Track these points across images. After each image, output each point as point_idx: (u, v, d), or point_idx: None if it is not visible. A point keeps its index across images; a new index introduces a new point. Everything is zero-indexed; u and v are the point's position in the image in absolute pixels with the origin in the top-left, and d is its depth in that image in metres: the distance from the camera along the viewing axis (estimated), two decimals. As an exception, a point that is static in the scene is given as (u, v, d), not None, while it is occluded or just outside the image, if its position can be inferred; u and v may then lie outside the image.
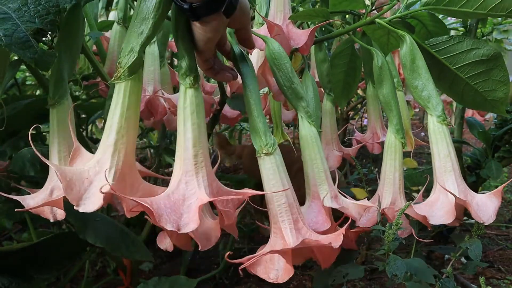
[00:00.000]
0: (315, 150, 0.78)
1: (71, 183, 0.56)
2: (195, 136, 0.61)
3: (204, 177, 0.60)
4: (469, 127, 1.53)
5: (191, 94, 0.62)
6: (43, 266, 1.13)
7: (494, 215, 0.71)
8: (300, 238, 0.64)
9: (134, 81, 0.62)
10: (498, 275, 1.69)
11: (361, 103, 2.26)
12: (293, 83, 0.77)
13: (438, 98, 0.78)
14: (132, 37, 0.61)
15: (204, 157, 0.61)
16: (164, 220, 0.53)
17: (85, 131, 1.81)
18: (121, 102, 0.62)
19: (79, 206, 0.55)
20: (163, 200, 0.56)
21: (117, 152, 0.61)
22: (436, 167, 0.76)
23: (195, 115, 0.62)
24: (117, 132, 0.62)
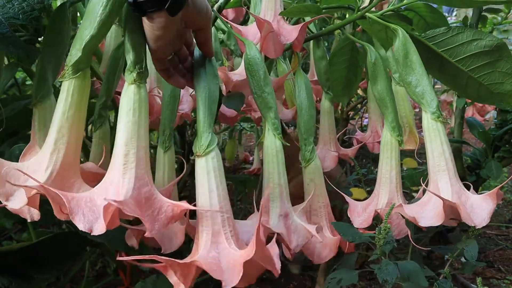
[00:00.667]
0: (274, 164, 0.75)
1: (4, 178, 0.57)
2: (128, 134, 0.59)
3: (131, 178, 0.57)
4: (469, 127, 1.53)
5: (131, 91, 0.60)
6: (43, 266, 1.13)
7: (488, 218, 0.68)
8: (213, 252, 0.59)
9: (78, 79, 0.61)
10: (498, 275, 1.68)
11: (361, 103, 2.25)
12: (263, 92, 0.76)
13: (432, 94, 0.76)
14: (79, 37, 0.61)
15: (137, 158, 0.58)
16: (77, 219, 0.51)
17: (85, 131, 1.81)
18: (63, 100, 0.61)
19: (7, 201, 0.56)
20: (85, 198, 0.54)
21: (56, 152, 0.61)
22: (429, 166, 0.75)
23: (131, 112, 0.59)
24: (57, 131, 0.61)
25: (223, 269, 0.57)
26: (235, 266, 0.56)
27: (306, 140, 0.84)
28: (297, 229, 0.73)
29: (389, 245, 0.72)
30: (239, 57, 1.28)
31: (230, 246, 0.60)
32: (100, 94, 0.94)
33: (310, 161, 0.83)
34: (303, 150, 0.84)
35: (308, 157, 0.83)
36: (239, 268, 0.55)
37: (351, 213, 0.81)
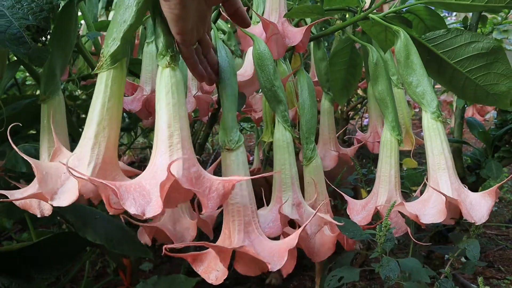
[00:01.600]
0: (285, 155, 0.77)
1: (46, 177, 0.55)
2: (170, 116, 0.58)
3: (179, 160, 0.56)
4: (469, 127, 1.53)
5: (167, 74, 0.59)
6: (44, 266, 1.13)
7: (487, 215, 0.69)
8: (247, 241, 0.61)
9: (116, 70, 0.60)
10: (498, 275, 1.68)
11: (361, 103, 2.26)
12: (273, 86, 0.77)
13: (433, 95, 0.77)
14: (115, 26, 0.60)
15: (182, 139, 0.57)
16: (128, 204, 0.50)
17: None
18: (102, 92, 0.60)
19: (52, 200, 0.54)
20: (134, 184, 0.53)
21: (97, 146, 0.59)
22: (429, 165, 0.76)
23: (170, 95, 0.59)
24: (98, 124, 0.59)
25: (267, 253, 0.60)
26: (279, 252, 0.59)
27: (308, 139, 0.84)
28: (310, 217, 0.74)
29: (389, 243, 0.72)
30: (239, 58, 1.29)
31: (261, 236, 0.63)
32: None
33: (311, 159, 0.83)
34: (305, 148, 0.84)
35: (310, 156, 0.84)
36: (283, 254, 0.58)
37: (350, 211, 0.82)
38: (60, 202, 0.54)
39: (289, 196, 0.76)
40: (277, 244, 0.62)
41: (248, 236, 0.62)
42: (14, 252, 1.11)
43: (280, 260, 0.58)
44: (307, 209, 0.77)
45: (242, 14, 0.64)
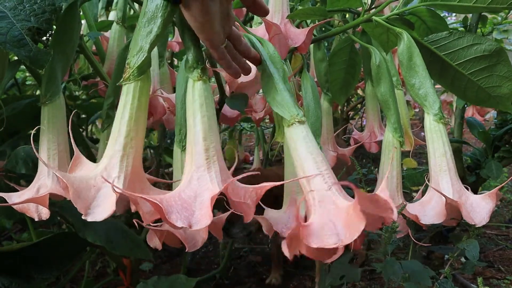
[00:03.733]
0: None
1: (78, 191, 0.53)
2: (205, 130, 0.59)
3: (217, 172, 0.57)
4: (469, 127, 1.53)
5: (199, 87, 0.60)
6: (43, 266, 1.13)
7: (488, 217, 0.69)
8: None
9: (143, 81, 0.60)
10: (498, 275, 1.68)
11: (361, 103, 2.26)
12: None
13: (435, 96, 0.78)
14: (140, 37, 0.60)
15: (216, 151, 0.59)
16: (174, 218, 0.51)
17: (85, 131, 1.82)
18: (130, 103, 0.60)
19: (87, 215, 0.52)
20: (174, 198, 0.53)
21: (125, 157, 0.58)
22: (431, 166, 0.76)
23: (205, 108, 0.60)
24: (126, 136, 0.59)
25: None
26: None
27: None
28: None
29: (391, 245, 0.72)
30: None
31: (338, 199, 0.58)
32: (107, 94, 0.95)
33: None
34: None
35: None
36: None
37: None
38: (95, 216, 0.52)
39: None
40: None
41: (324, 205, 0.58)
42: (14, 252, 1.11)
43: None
44: None
45: (260, 3, 0.64)
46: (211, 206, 0.52)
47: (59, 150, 0.77)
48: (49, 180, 0.74)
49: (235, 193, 0.56)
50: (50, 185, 0.73)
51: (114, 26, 1.19)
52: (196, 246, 0.74)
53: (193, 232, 0.75)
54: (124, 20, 1.19)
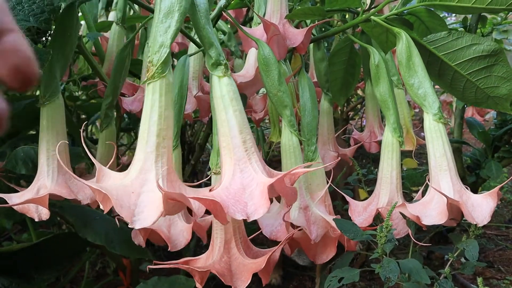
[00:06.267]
0: (292, 159, 0.78)
1: (120, 200, 0.51)
2: (240, 123, 0.60)
3: (257, 161, 0.58)
4: (469, 127, 1.53)
5: (226, 82, 0.61)
6: (43, 267, 1.13)
7: (489, 217, 0.69)
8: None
9: (167, 78, 0.60)
10: (498, 276, 1.68)
11: (361, 103, 2.26)
12: (279, 91, 0.77)
13: (434, 96, 0.78)
14: (159, 33, 0.59)
15: (252, 142, 0.60)
16: (232, 211, 0.51)
17: (85, 132, 1.81)
18: (157, 102, 0.58)
19: (133, 223, 0.51)
20: (224, 192, 0.54)
21: (160, 158, 0.57)
22: (431, 166, 0.76)
23: (235, 102, 0.60)
24: (157, 135, 0.57)
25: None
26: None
27: (309, 141, 0.84)
28: (317, 221, 0.77)
29: (390, 244, 0.72)
30: (239, 59, 1.29)
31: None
32: (106, 94, 0.95)
33: (313, 161, 0.83)
34: (306, 150, 0.85)
35: (311, 157, 0.84)
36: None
37: (351, 212, 0.82)
38: (141, 223, 0.51)
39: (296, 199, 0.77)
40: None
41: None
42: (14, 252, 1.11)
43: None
44: (314, 212, 0.77)
45: None
46: (267, 195, 0.52)
47: (59, 151, 0.76)
48: (48, 181, 0.74)
49: (278, 181, 0.57)
50: (50, 186, 0.73)
51: (114, 26, 1.19)
52: (179, 245, 0.74)
53: (176, 232, 0.76)
54: (123, 21, 1.19)
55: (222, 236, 0.64)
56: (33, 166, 0.86)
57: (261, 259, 0.62)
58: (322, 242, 0.78)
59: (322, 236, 0.76)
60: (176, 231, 0.76)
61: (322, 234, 0.76)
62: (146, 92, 0.59)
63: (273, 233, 0.73)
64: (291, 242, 0.78)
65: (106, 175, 0.58)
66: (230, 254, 0.64)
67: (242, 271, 0.63)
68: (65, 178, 0.75)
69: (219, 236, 0.65)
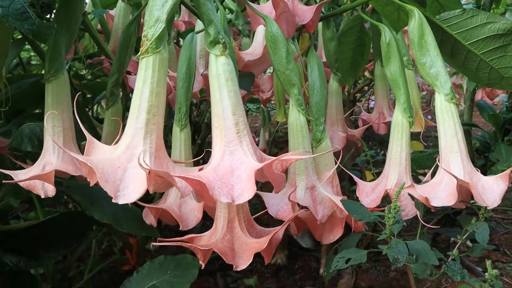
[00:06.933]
0: (299, 139, 0.77)
1: (105, 174, 0.51)
2: (234, 104, 0.58)
3: (248, 145, 0.57)
4: (479, 109, 1.51)
5: (222, 62, 0.59)
6: (50, 245, 1.14)
7: (499, 199, 0.68)
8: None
9: (162, 53, 0.58)
10: (503, 259, 1.68)
11: (368, 85, 2.23)
12: (287, 69, 0.76)
13: (446, 76, 0.76)
14: (156, 7, 0.58)
15: (245, 124, 0.59)
16: (217, 193, 0.50)
17: (91, 111, 1.81)
18: (150, 78, 0.57)
19: (117, 198, 0.51)
20: (210, 174, 0.53)
21: (149, 134, 0.56)
22: (442, 147, 0.74)
23: (230, 82, 0.59)
24: (147, 111, 0.57)
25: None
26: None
27: (318, 120, 0.83)
28: (323, 201, 0.76)
29: (398, 225, 0.71)
30: (246, 37, 1.27)
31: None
32: (111, 71, 0.93)
33: (321, 141, 0.82)
34: (314, 130, 0.83)
35: (319, 137, 0.82)
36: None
37: (359, 193, 0.81)
38: (126, 198, 0.51)
39: (303, 179, 0.76)
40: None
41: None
42: (21, 230, 1.12)
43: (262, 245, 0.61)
44: (320, 192, 0.77)
45: None
46: (254, 179, 0.51)
47: (64, 127, 0.76)
48: (54, 158, 0.73)
49: (267, 166, 0.56)
50: (56, 163, 0.72)
51: (120, 3, 1.17)
52: (190, 224, 0.74)
53: (187, 211, 0.75)
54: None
55: (226, 215, 0.64)
56: (38, 143, 0.86)
57: (263, 238, 0.62)
58: (329, 222, 0.77)
59: (329, 216, 0.75)
60: (187, 210, 0.76)
61: (329, 215, 0.75)
62: (139, 67, 0.58)
63: (279, 212, 0.72)
64: (298, 222, 0.78)
65: (95, 148, 0.58)
66: (233, 233, 0.63)
67: (244, 250, 0.62)
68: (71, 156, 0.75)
69: (223, 214, 0.64)
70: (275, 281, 1.67)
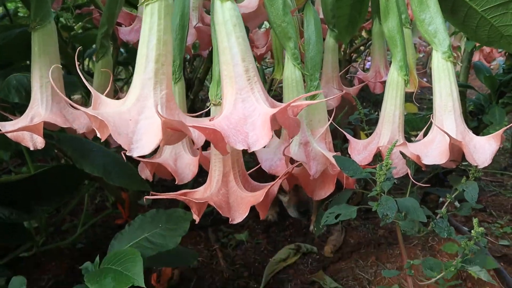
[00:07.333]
0: (294, 94, 0.76)
1: (117, 127, 0.49)
2: (243, 50, 0.57)
3: (260, 91, 0.56)
4: (476, 71, 1.49)
5: (229, 7, 0.57)
6: (42, 198, 1.14)
7: (490, 159, 0.69)
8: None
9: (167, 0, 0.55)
10: (489, 219, 1.72)
11: (364, 44, 2.19)
12: (283, 22, 0.74)
13: (445, 33, 0.74)
14: None
15: (255, 71, 0.57)
16: (233, 141, 0.50)
17: (81, 65, 1.77)
18: (156, 25, 0.55)
19: (131, 150, 0.49)
20: (224, 122, 0.52)
21: (158, 85, 0.54)
22: (436, 106, 0.74)
23: (238, 28, 0.57)
24: (156, 60, 0.55)
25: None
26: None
27: (312, 76, 0.82)
28: (317, 156, 0.75)
29: (389, 182, 0.72)
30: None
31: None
32: (101, 22, 0.91)
33: (315, 96, 0.81)
34: (309, 85, 0.82)
35: (313, 93, 0.81)
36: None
37: (351, 150, 0.81)
38: (140, 151, 0.49)
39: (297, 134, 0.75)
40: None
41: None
42: (12, 183, 1.12)
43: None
44: (314, 148, 0.76)
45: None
46: (269, 125, 0.51)
47: (52, 78, 0.74)
48: (42, 109, 0.72)
49: (281, 112, 0.55)
50: (44, 114, 0.71)
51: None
52: (186, 179, 0.74)
53: (183, 165, 0.75)
54: None
55: (221, 168, 0.64)
56: (26, 94, 0.84)
57: (259, 192, 0.62)
58: (321, 178, 0.78)
59: (321, 172, 0.75)
60: (182, 164, 0.76)
61: (321, 170, 0.75)
62: (144, 15, 0.56)
63: (272, 167, 0.72)
64: (290, 178, 0.78)
65: (102, 103, 0.56)
66: (228, 187, 0.64)
67: (240, 204, 0.62)
68: (60, 107, 0.73)
69: (218, 168, 0.64)
70: (265, 236, 1.71)
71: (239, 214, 0.62)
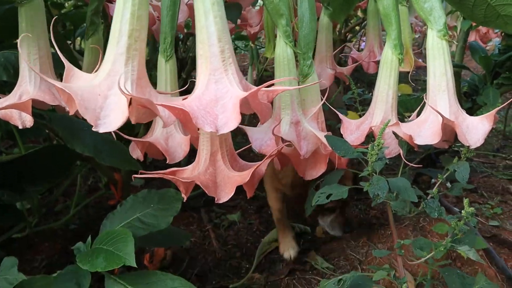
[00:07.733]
0: (286, 73, 0.75)
1: (85, 102, 0.49)
2: (219, 30, 0.55)
3: (233, 74, 0.55)
4: (471, 51, 1.48)
5: None
6: (34, 178, 1.14)
7: (483, 139, 0.68)
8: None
9: None
10: (480, 200, 1.74)
11: (359, 24, 2.17)
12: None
13: (441, 11, 0.73)
14: None
15: (231, 52, 0.56)
16: (201, 122, 0.49)
17: (73, 44, 1.74)
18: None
19: (97, 126, 0.49)
20: (194, 102, 0.51)
21: (130, 61, 0.54)
22: (430, 86, 0.73)
23: (216, 7, 0.56)
24: (129, 35, 0.54)
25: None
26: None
27: (305, 54, 0.80)
28: (307, 136, 0.75)
29: (380, 162, 0.72)
30: (235, -33, 1.20)
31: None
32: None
33: (307, 76, 0.80)
34: (301, 64, 0.81)
35: (306, 72, 0.80)
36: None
37: (344, 130, 0.81)
38: (106, 127, 0.49)
39: (287, 114, 0.75)
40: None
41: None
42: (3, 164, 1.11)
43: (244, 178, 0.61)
44: (305, 128, 0.76)
45: None
46: (238, 109, 0.50)
47: (40, 55, 0.72)
48: (31, 86, 0.70)
49: (252, 95, 0.55)
50: (32, 91, 0.70)
51: None
52: (177, 158, 0.73)
53: (174, 144, 0.74)
54: None
55: (208, 148, 0.63)
56: (14, 72, 0.82)
57: (246, 172, 0.61)
58: (313, 158, 0.77)
59: (312, 152, 0.75)
60: (174, 144, 0.75)
61: (313, 150, 0.75)
62: None
63: (263, 147, 0.72)
64: (281, 158, 0.77)
65: (75, 76, 0.55)
66: (216, 166, 0.63)
67: (227, 183, 0.62)
68: (49, 84, 0.72)
69: (205, 148, 0.63)
70: (258, 217, 1.71)
71: (225, 194, 0.61)
